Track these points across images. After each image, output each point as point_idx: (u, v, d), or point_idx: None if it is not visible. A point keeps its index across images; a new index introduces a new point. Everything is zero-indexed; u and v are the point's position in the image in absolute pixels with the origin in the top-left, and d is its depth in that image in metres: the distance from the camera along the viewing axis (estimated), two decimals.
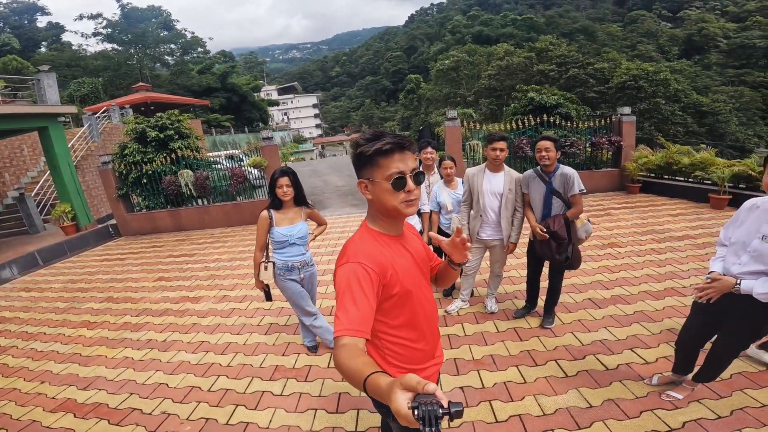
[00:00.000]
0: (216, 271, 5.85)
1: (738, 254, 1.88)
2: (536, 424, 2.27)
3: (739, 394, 2.33)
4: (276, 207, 2.89)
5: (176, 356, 3.49)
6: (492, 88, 29.62)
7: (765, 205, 1.84)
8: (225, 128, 35.40)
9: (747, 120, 30.96)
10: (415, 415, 0.70)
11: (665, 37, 56.55)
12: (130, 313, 4.61)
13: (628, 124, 8.66)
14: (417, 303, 1.29)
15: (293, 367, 3.12)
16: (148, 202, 9.15)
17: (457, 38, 72.55)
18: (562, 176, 2.95)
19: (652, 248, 4.94)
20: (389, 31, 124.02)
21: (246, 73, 64.45)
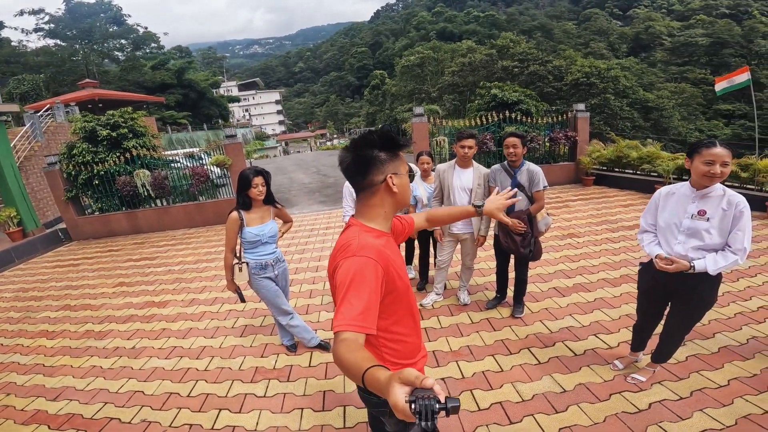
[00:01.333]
0: (182, 274, 5.63)
1: (674, 235, 2.12)
2: (517, 410, 2.38)
3: (696, 376, 2.52)
4: (245, 207, 2.84)
5: (148, 363, 3.37)
6: (455, 84, 30.22)
7: (681, 190, 2.14)
8: (182, 126, 33.83)
9: (688, 115, 33.47)
10: (412, 409, 0.70)
11: (615, 35, 59.72)
12: (92, 321, 4.39)
13: (582, 120, 9.16)
14: (411, 298, 1.32)
15: (274, 367, 3.08)
16: (102, 204, 8.62)
17: (421, 34, 73.28)
18: (528, 172, 3.10)
19: (607, 237, 5.27)
20: (354, 27, 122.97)
21: (204, 68, 61.95)
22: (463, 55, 32.15)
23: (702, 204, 2.04)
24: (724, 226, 1.98)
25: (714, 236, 1.99)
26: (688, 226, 2.06)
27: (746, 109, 33.02)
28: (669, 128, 27.88)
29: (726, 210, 1.96)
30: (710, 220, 2.00)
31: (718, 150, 1.91)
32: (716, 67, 42.79)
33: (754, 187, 6.10)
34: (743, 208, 1.93)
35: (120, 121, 8.65)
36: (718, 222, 1.98)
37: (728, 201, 1.96)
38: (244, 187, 2.76)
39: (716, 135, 29.86)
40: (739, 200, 1.95)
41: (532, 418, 2.31)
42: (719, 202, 1.99)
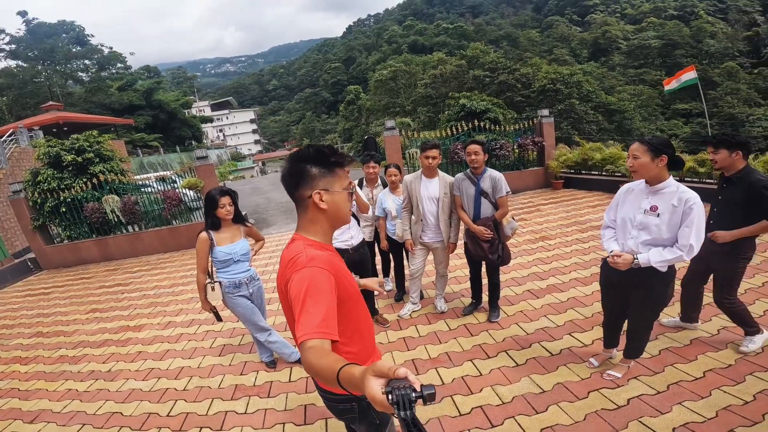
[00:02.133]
0: (157, 298, 5.53)
1: (628, 230, 2.22)
2: (497, 413, 2.41)
3: (671, 369, 2.56)
4: (214, 228, 2.86)
5: (125, 385, 3.33)
6: (428, 96, 30.84)
7: (638, 187, 2.23)
8: (153, 148, 33.09)
9: (648, 116, 35.20)
10: (390, 400, 0.72)
11: (576, 40, 62.39)
12: (65, 346, 4.34)
13: (548, 125, 9.53)
14: (361, 306, 1.34)
15: (254, 384, 3.06)
16: (70, 232, 8.35)
17: (393, 48, 74.59)
18: (490, 179, 3.22)
19: (577, 238, 5.47)
20: (327, 43, 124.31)
21: (174, 88, 61.09)
22: (434, 66, 32.93)
23: (654, 200, 2.10)
24: (673, 222, 2.03)
25: (663, 231, 2.06)
26: (640, 221, 2.14)
27: (701, 107, 35.05)
28: (632, 129, 29.15)
29: (676, 206, 2.01)
30: (660, 216, 2.06)
31: (631, 146, 2.15)
32: (670, 67, 45.15)
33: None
34: (693, 204, 1.97)
35: (85, 145, 8.43)
36: (668, 218, 2.04)
37: (679, 197, 2.01)
38: (211, 207, 2.80)
39: (676, 134, 31.43)
40: (690, 197, 1.98)
41: (513, 420, 2.33)
42: (670, 198, 2.04)
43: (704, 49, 46.76)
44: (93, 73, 41.13)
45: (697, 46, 47.68)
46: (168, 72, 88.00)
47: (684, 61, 44.84)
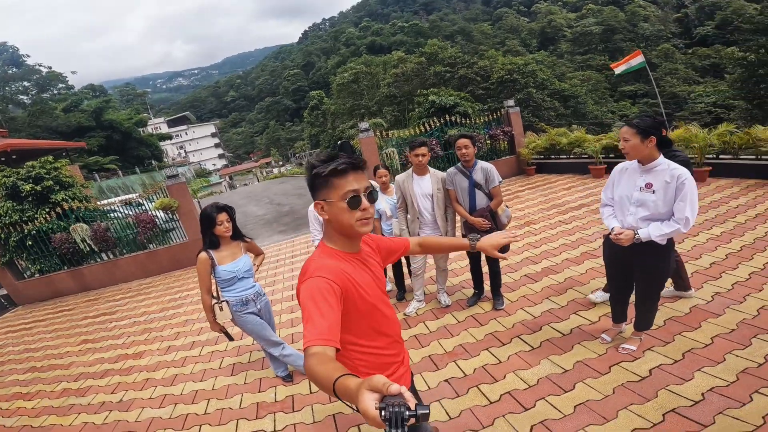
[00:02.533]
0: (149, 324, 5.31)
1: (626, 207, 2.37)
2: (527, 397, 2.45)
3: (680, 338, 2.66)
4: (213, 246, 2.77)
5: (143, 414, 3.17)
6: (392, 95, 31.11)
7: (632, 166, 2.37)
8: (111, 171, 31.34)
9: (599, 99, 36.99)
10: (382, 416, 0.70)
11: (525, 31, 64.67)
12: (66, 379, 4.13)
13: (515, 115, 9.88)
14: (380, 315, 1.35)
15: (275, 400, 2.99)
16: (40, 266, 7.86)
17: (352, 50, 74.52)
18: (482, 170, 3.32)
19: (559, 220, 5.71)
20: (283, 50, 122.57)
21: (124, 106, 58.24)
22: (395, 66, 33.23)
23: (648, 177, 2.24)
24: (668, 197, 2.16)
25: (660, 207, 2.20)
26: (637, 198, 2.29)
27: (646, 89, 37.30)
28: (587, 113, 30.63)
29: (669, 182, 2.15)
30: (656, 192, 2.20)
31: (621, 129, 2.31)
32: (612, 52, 47.70)
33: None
34: (685, 180, 2.10)
35: (42, 172, 7.91)
36: (663, 194, 2.17)
37: (671, 174, 2.15)
38: (208, 225, 2.71)
39: (626, 114, 33.29)
40: (681, 173, 2.12)
41: (544, 401, 2.38)
42: (663, 175, 2.18)
43: (640, 33, 49.69)
44: (33, 95, 38.60)
45: (634, 30, 50.61)
46: (115, 89, 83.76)
47: (623, 45, 47.44)
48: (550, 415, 2.28)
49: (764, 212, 4.49)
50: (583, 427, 2.15)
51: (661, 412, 2.12)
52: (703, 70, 39.65)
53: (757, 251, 3.63)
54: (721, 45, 40.36)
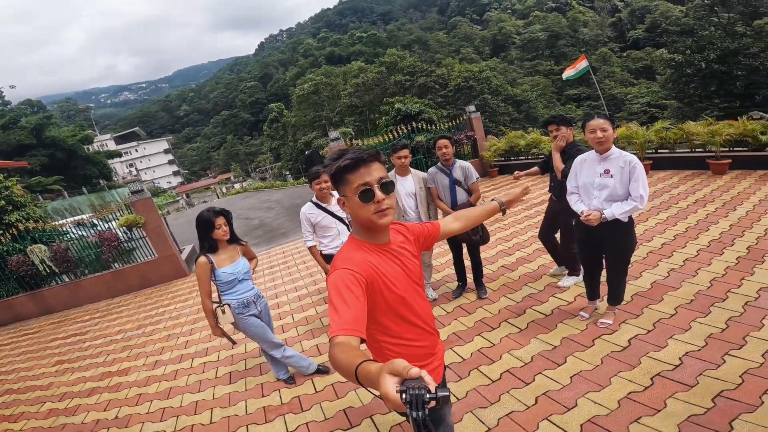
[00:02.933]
0: (127, 341, 5.09)
1: (591, 191, 2.70)
2: (525, 373, 2.66)
3: (648, 310, 2.95)
4: (212, 251, 2.80)
5: (144, 428, 3.06)
6: (354, 105, 31.40)
7: (590, 157, 2.71)
8: (55, 192, 29.19)
9: (548, 103, 39.56)
10: (403, 399, 0.71)
11: (478, 39, 67.52)
12: (50, 400, 3.89)
13: (476, 120, 10.41)
14: (411, 306, 1.35)
15: (281, 403, 3.00)
16: None
17: (310, 61, 74.29)
18: (461, 168, 3.57)
19: (526, 215, 6.13)
20: (239, 61, 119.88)
21: (66, 123, 54.56)
22: (355, 76, 33.61)
23: (605, 164, 2.59)
24: (624, 179, 2.52)
25: (618, 189, 2.56)
26: (599, 183, 2.63)
27: (589, 92, 40.22)
28: (537, 117, 32.54)
29: (623, 167, 2.51)
30: (614, 177, 2.55)
31: (595, 121, 2.55)
32: (557, 57, 51.03)
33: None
34: (635, 164, 2.48)
35: None
36: (620, 177, 2.52)
37: (624, 160, 2.52)
38: (206, 229, 2.74)
39: (573, 117, 35.68)
40: (632, 158, 2.50)
41: (542, 375, 2.59)
42: (618, 161, 2.54)
43: (581, 38, 53.52)
44: None
45: (575, 35, 54.48)
46: (55, 105, 78.36)
47: (567, 50, 50.84)
48: (550, 387, 2.50)
49: (703, 198, 5.11)
50: (583, 394, 2.37)
51: (649, 377, 2.38)
52: (637, 72, 43.33)
53: (700, 231, 4.14)
54: (652, 47, 44.13)
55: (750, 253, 3.51)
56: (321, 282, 5.42)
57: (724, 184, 5.48)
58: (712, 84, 20.16)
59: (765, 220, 4.05)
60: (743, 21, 23.71)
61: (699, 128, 6.46)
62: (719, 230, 4.07)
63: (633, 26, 54.94)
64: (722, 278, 3.22)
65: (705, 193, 5.25)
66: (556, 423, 2.22)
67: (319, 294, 5.04)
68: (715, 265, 3.43)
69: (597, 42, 52.89)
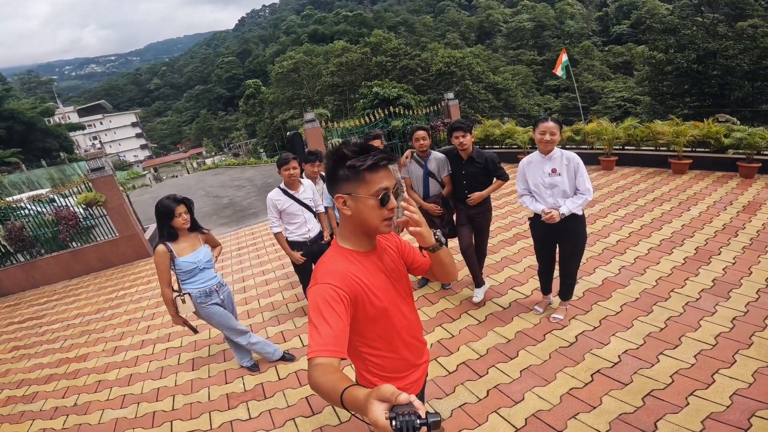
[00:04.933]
0: (86, 326, 4.92)
1: (542, 191, 2.78)
2: (480, 365, 2.75)
3: (597, 307, 3.10)
4: (171, 239, 2.72)
5: (105, 416, 3.01)
6: (335, 85, 30.72)
7: (535, 159, 2.79)
8: (12, 165, 27.64)
9: (527, 92, 39.80)
10: (393, 426, 0.70)
11: (465, 24, 66.89)
12: (7, 387, 3.80)
13: (454, 107, 10.39)
14: (394, 319, 1.30)
15: (245, 390, 3.00)
16: None
17: (293, 39, 71.92)
18: (436, 160, 3.54)
19: (493, 205, 6.16)
20: (217, 36, 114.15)
21: (26, 95, 51.24)
22: (338, 55, 32.74)
23: (551, 164, 2.70)
24: (570, 176, 2.67)
25: (566, 185, 2.68)
26: (549, 182, 2.73)
27: (567, 83, 40.71)
28: (516, 105, 32.82)
29: (567, 165, 2.66)
30: (561, 175, 2.68)
31: (547, 124, 2.61)
32: (541, 47, 51.27)
33: (587, 147, 7.82)
34: (578, 161, 2.64)
35: None
36: (566, 174, 2.66)
37: (567, 158, 2.67)
38: (166, 218, 2.65)
39: (550, 108, 36.18)
40: (573, 156, 2.67)
41: (495, 368, 2.70)
42: (561, 160, 2.68)
43: (566, 30, 53.90)
44: None
45: (561, 27, 54.80)
46: (15, 77, 73.17)
47: (551, 42, 51.12)
48: (501, 380, 2.60)
49: (661, 196, 5.32)
50: (530, 388, 2.48)
51: (589, 373, 2.51)
52: (616, 67, 44.13)
53: (654, 230, 4.33)
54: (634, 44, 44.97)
55: (697, 254, 3.69)
56: (289, 266, 5.34)
57: (682, 183, 5.71)
58: (686, 83, 20.73)
59: (716, 222, 4.26)
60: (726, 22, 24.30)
61: (665, 128, 6.67)
62: (672, 230, 4.26)
63: (618, 21, 55.67)
64: (668, 278, 3.38)
65: (663, 192, 5.46)
66: (503, 416, 2.31)
67: (287, 279, 5.00)
68: (663, 264, 3.60)
69: (581, 35, 53.38)
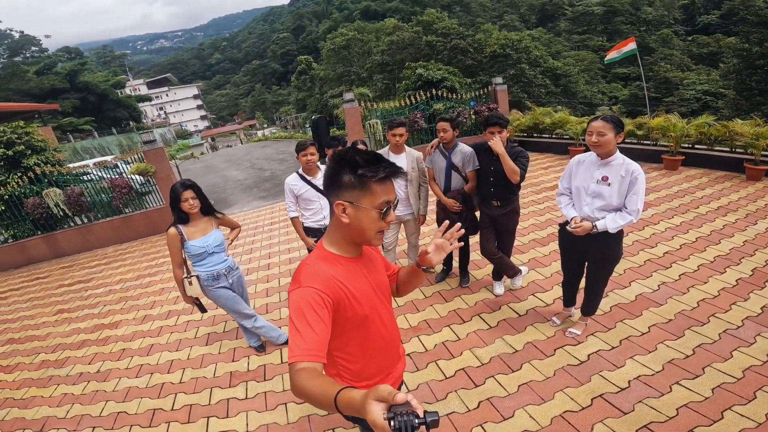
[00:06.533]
0: (125, 292, 5.29)
1: (582, 197, 2.46)
2: (478, 374, 2.63)
3: (622, 325, 2.84)
4: (183, 222, 2.77)
5: (120, 384, 3.25)
6: (384, 63, 30.34)
7: (588, 159, 2.45)
8: (86, 132, 30.44)
9: (591, 79, 36.80)
10: (392, 426, 0.70)
11: (525, 6, 62.88)
12: (44, 351, 4.13)
13: (501, 92, 9.79)
14: (372, 327, 1.28)
15: (248, 369, 3.11)
16: (14, 231, 7.65)
17: (345, 15, 71.59)
18: (461, 153, 3.30)
19: (532, 200, 5.81)
20: (273, 12, 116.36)
21: (101, 68, 55.98)
22: (389, 33, 32.16)
23: (605, 171, 2.34)
24: (622, 190, 2.29)
25: (614, 198, 2.32)
26: (593, 190, 2.39)
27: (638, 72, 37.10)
28: (576, 92, 30.51)
29: (624, 176, 2.27)
30: (611, 185, 2.31)
31: (595, 123, 2.28)
32: (611, 34, 47.07)
33: (650, 143, 7.04)
34: (638, 175, 2.23)
35: (13, 137, 7.62)
36: (618, 186, 2.29)
37: (626, 169, 2.26)
38: (174, 202, 2.70)
39: (616, 96, 33.23)
40: (635, 168, 2.25)
41: (493, 379, 2.56)
42: (619, 169, 2.28)
43: (642, 17, 48.92)
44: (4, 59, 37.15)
45: (636, 14, 49.75)
46: (92, 52, 79.83)
47: (624, 28, 46.73)
48: (496, 392, 2.45)
49: (727, 205, 4.65)
50: (523, 405, 2.32)
51: (590, 397, 2.30)
52: (699, 58, 39.55)
53: (710, 243, 3.80)
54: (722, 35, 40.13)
55: (754, 275, 3.21)
56: None
57: (755, 192, 4.97)
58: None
59: None
60: None
61: (745, 128, 5.77)
62: (731, 245, 3.72)
63: (707, 11, 49.55)
64: (712, 300, 2.98)
65: (731, 200, 4.78)
66: (487, 431, 2.18)
67: None
68: (710, 285, 3.17)
69: (660, 23, 48.13)
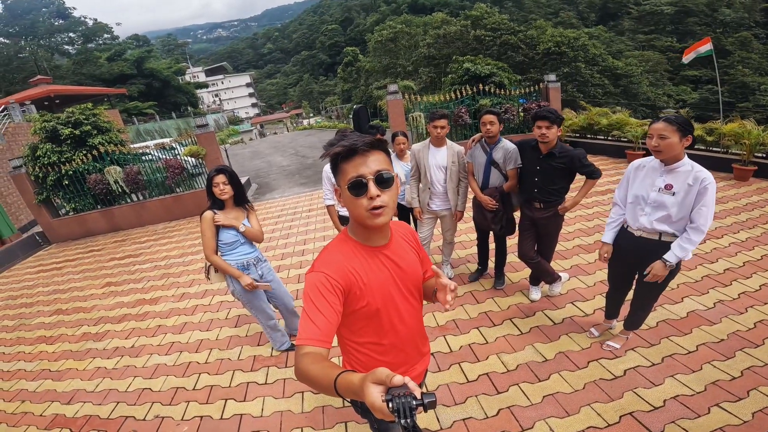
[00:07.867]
0: (168, 269, 5.60)
1: (641, 206, 2.20)
2: (503, 381, 2.51)
3: (667, 341, 2.63)
4: (218, 207, 2.67)
5: (150, 360, 3.42)
6: (431, 56, 29.87)
7: (650, 164, 2.18)
8: (149, 116, 32.79)
9: (656, 81, 34.07)
10: (390, 407, 0.71)
11: (584, 3, 59.31)
12: (87, 323, 4.41)
13: (554, 90, 9.29)
14: (386, 321, 1.23)
15: (271, 355, 3.18)
16: (75, 204, 8.37)
17: (392, 8, 71.41)
18: (503, 150, 3.14)
19: (580, 203, 5.42)
20: (323, 4, 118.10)
21: (165, 56, 59.88)
22: (437, 27, 31.61)
23: (669, 178, 2.06)
24: (688, 201, 2.01)
25: (676, 209, 2.04)
26: (654, 199, 2.11)
27: (712, 75, 33.82)
28: (638, 94, 28.41)
29: (692, 185, 1.98)
30: (676, 195, 2.03)
31: (656, 125, 2.01)
32: (682, 35, 43.38)
33: (720, 150, 6.38)
34: (708, 184, 1.94)
35: (81, 118, 8.31)
36: (683, 196, 2.01)
37: (694, 177, 1.98)
38: (210, 186, 2.60)
39: (685, 100, 30.61)
40: (705, 176, 1.96)
41: (517, 387, 2.43)
42: (686, 177, 2.00)
43: (719, 18, 44.59)
44: (79, 45, 40.43)
45: (712, 15, 45.42)
46: (158, 40, 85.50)
47: (697, 29, 42.89)
48: (519, 401, 2.33)
49: None
50: (545, 417, 2.19)
51: (619, 414, 2.14)
52: None
53: None
54: None
55: None
56: None
57: None
58: None
59: None
60: None
61: None
62: None
63: None
64: None
65: None
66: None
67: None
68: None
69: (739, 25, 43.58)
